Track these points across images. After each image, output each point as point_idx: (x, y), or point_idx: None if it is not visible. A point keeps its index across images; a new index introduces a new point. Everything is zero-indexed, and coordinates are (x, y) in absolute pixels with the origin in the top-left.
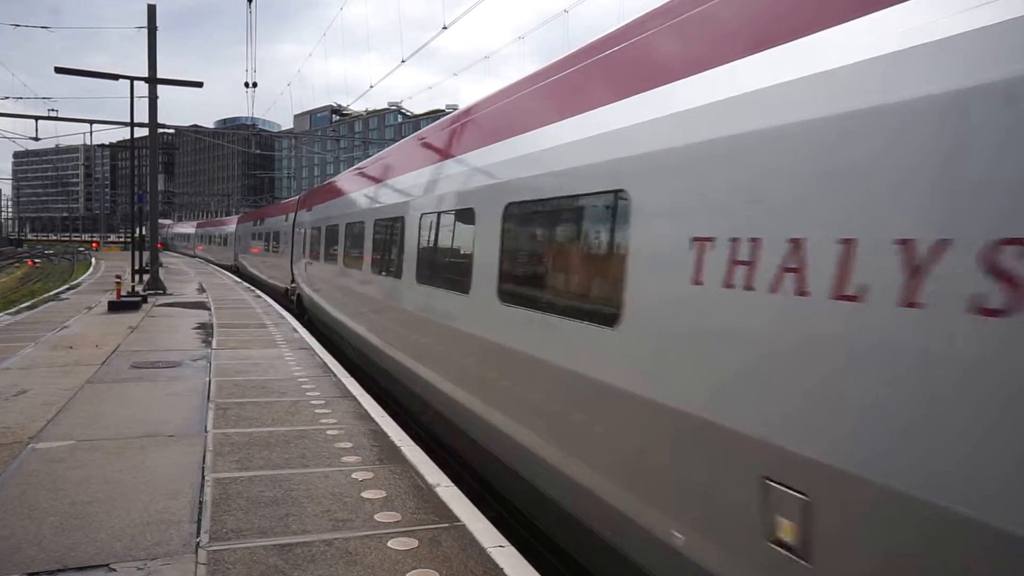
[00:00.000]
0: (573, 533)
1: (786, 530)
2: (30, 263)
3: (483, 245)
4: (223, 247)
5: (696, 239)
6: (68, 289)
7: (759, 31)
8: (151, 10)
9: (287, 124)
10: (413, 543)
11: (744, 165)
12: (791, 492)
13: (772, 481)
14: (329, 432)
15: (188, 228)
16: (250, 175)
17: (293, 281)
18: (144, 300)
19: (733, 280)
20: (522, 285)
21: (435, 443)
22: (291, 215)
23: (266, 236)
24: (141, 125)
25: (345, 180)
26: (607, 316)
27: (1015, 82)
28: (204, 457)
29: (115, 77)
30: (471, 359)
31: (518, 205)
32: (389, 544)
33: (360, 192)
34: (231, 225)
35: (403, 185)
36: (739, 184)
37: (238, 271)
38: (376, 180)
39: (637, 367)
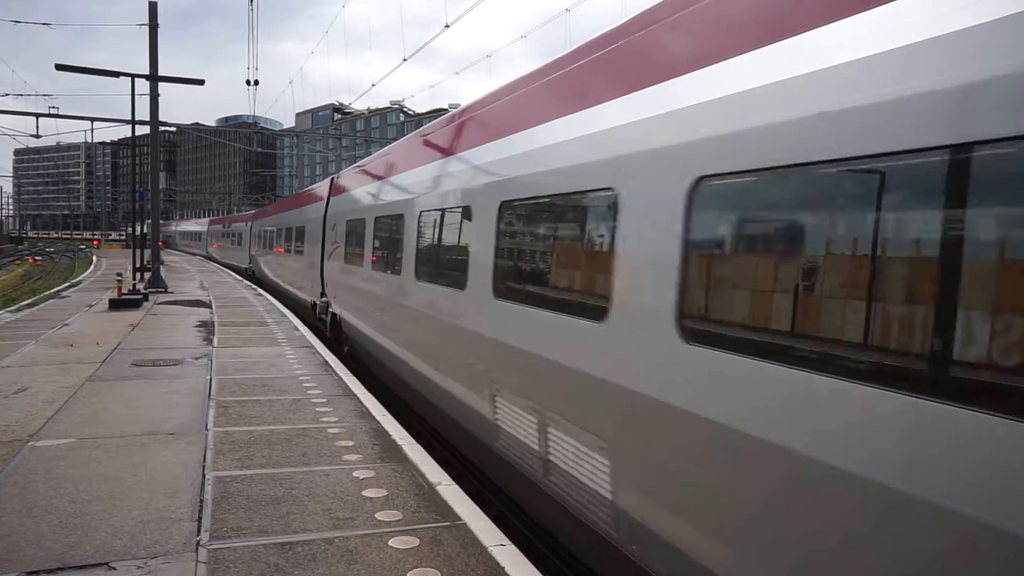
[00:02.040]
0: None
1: None
2: (31, 260)
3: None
4: (199, 242)
5: None
6: (69, 287)
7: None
8: (152, 7)
9: (289, 122)
10: (414, 542)
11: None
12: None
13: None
14: (330, 430)
15: (170, 228)
16: (252, 173)
17: (251, 263)
18: (145, 298)
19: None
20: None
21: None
22: (249, 223)
23: (232, 235)
24: (142, 123)
25: (274, 208)
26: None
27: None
28: (205, 455)
29: (116, 75)
30: (283, 269)
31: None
32: (390, 543)
33: (277, 216)
34: (204, 226)
35: (282, 217)
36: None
37: (209, 258)
38: (283, 211)
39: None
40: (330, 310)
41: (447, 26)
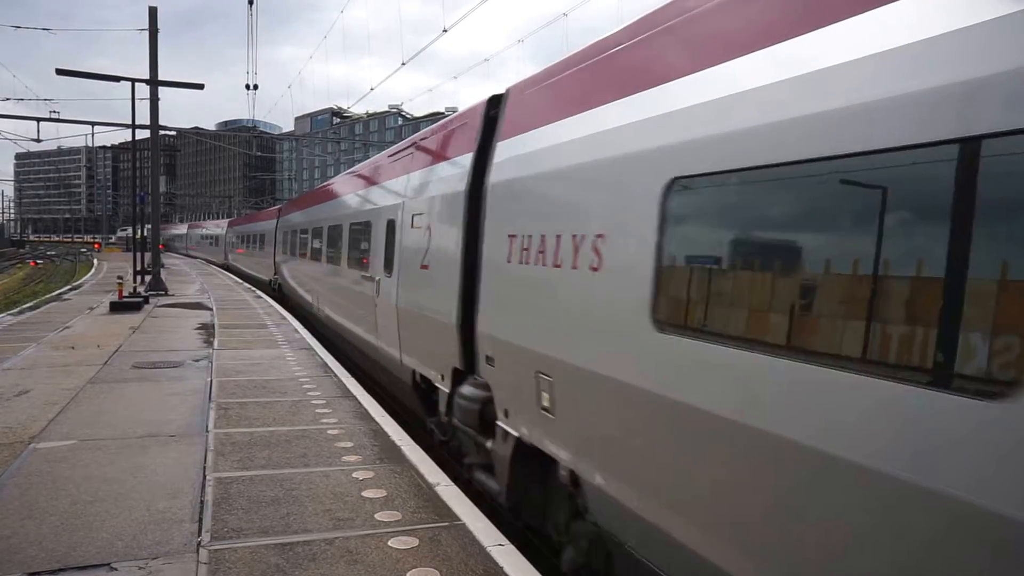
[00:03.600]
0: None
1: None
2: (32, 264)
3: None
4: (180, 243)
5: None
6: (70, 290)
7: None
8: (152, 12)
9: (288, 126)
10: (413, 542)
11: None
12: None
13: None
14: (330, 432)
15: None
16: (251, 177)
17: (225, 258)
18: (146, 301)
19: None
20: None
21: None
22: (225, 229)
23: (210, 238)
24: (142, 127)
25: (243, 220)
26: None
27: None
28: (205, 457)
29: (116, 79)
30: (250, 260)
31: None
32: (389, 543)
33: (245, 226)
34: (184, 229)
35: (248, 227)
36: None
37: (188, 254)
38: (249, 223)
39: None
40: (277, 281)
41: (445, 30)
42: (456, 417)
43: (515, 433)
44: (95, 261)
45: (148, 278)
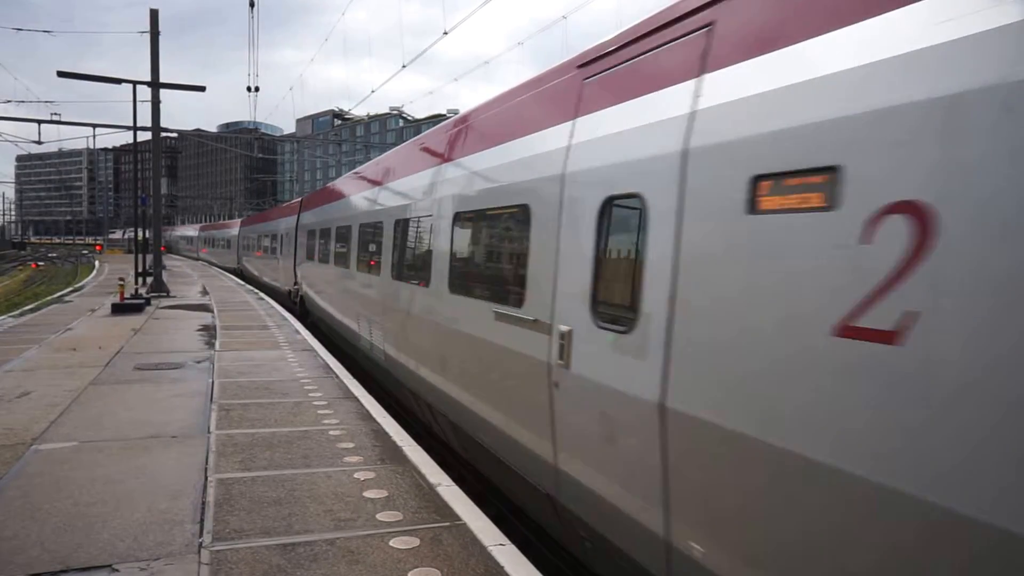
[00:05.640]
0: None
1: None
2: (33, 266)
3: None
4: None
5: None
6: (72, 292)
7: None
8: (154, 15)
9: (289, 128)
10: (415, 542)
11: None
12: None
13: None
14: (331, 432)
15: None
16: (253, 179)
17: (199, 256)
18: (147, 302)
19: None
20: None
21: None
22: (199, 233)
23: (187, 239)
24: (144, 129)
25: (217, 225)
26: None
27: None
28: (207, 458)
29: (118, 81)
30: (221, 256)
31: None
32: (391, 543)
33: (216, 231)
34: (169, 233)
35: (219, 232)
36: None
37: (171, 252)
38: (220, 229)
39: None
40: (239, 269)
41: (445, 33)
42: (293, 298)
43: (303, 293)
44: (96, 263)
45: (150, 280)
